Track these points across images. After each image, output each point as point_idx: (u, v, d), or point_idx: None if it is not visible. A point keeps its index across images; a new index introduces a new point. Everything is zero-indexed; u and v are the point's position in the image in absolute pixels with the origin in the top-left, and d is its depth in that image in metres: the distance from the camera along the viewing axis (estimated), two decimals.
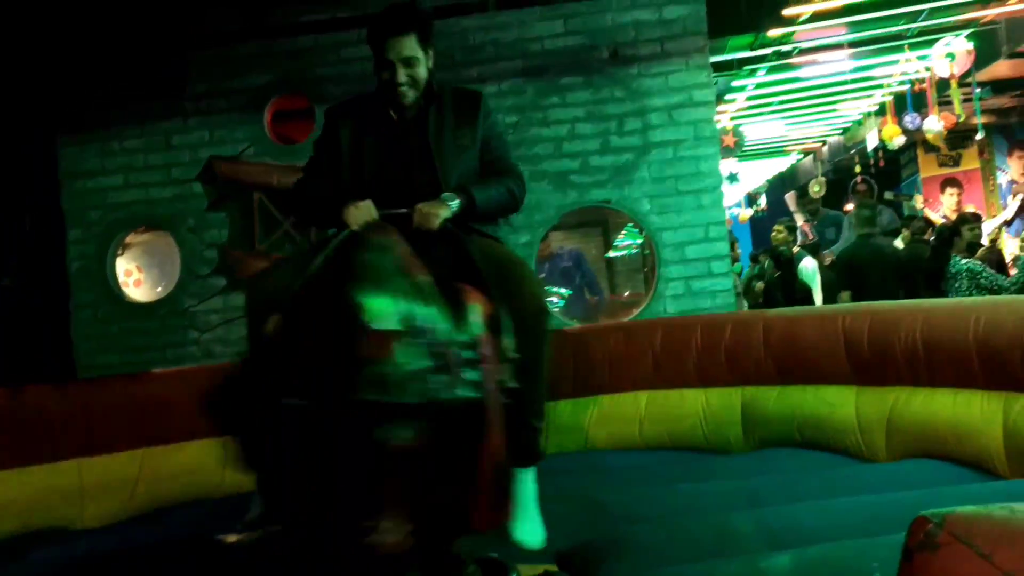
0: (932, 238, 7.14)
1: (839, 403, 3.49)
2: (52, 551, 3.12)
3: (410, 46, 2.58)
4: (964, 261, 6.28)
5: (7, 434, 3.65)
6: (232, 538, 2.77)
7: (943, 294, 6.22)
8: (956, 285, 6.25)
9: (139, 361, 4.90)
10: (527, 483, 2.58)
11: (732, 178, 11.11)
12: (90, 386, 4.36)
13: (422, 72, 2.63)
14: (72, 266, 5.08)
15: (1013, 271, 7.31)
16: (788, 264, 7.43)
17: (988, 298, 4.05)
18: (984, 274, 6.02)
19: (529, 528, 2.52)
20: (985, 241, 8.58)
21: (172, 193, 5.06)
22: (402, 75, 2.59)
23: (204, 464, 3.91)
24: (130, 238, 5.39)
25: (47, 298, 4.97)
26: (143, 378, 4.36)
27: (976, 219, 7.70)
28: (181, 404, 3.99)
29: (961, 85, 7.57)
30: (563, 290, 6.47)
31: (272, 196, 4.95)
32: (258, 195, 4.98)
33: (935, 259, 6.65)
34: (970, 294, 6.15)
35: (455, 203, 2.50)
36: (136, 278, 7.71)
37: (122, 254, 5.38)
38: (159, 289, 5.60)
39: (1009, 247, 9.47)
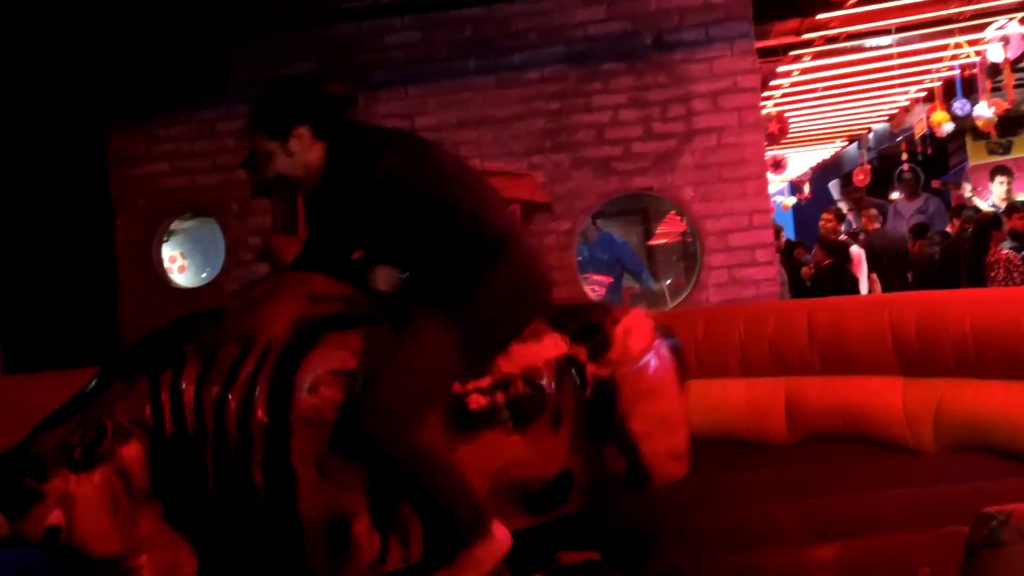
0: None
1: (885, 394, 3.44)
2: None
3: (255, 139, 2.39)
4: (1004, 250, 6.17)
5: None
6: None
7: (984, 285, 6.13)
8: (992, 274, 6.15)
9: None
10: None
11: (776, 165, 10.98)
12: None
13: (282, 165, 2.35)
14: (120, 252, 5.16)
15: None
16: (841, 251, 7.34)
17: None
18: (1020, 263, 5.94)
19: None
20: None
21: (217, 180, 5.11)
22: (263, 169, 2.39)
23: None
24: (175, 224, 5.46)
25: (96, 284, 5.06)
26: None
27: None
28: None
29: (1014, 70, 7.39)
30: (603, 279, 6.44)
31: None
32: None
33: (973, 250, 6.55)
34: (1007, 284, 6.04)
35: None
36: (180, 264, 7.80)
37: (167, 240, 5.46)
38: (203, 275, 5.67)
39: None
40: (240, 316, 2.20)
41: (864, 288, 7.54)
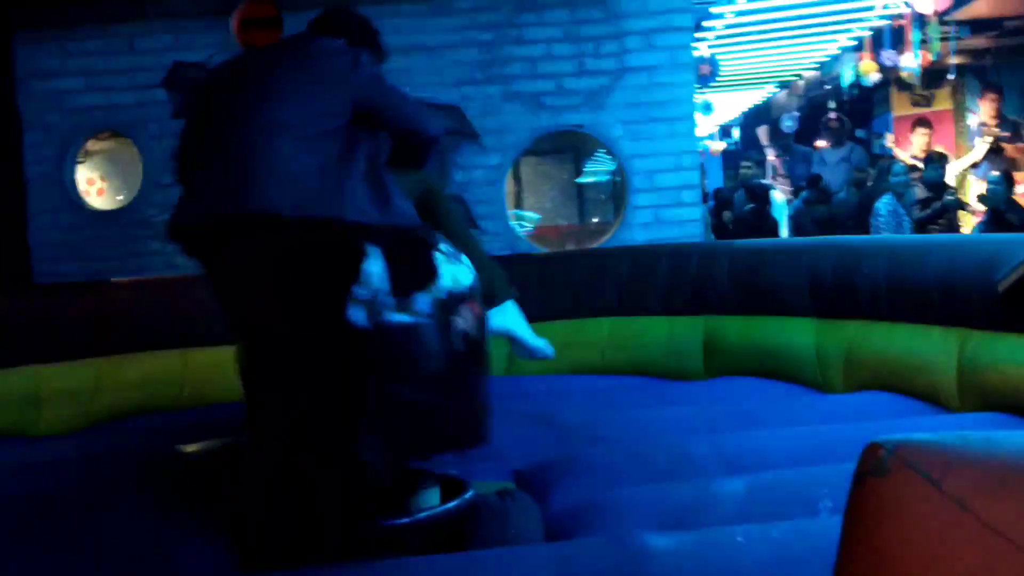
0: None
1: (799, 335, 3.54)
2: (6, 456, 3.10)
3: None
4: (885, 199, 6.39)
5: None
6: (191, 448, 2.77)
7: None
8: (873, 221, 6.40)
9: (99, 270, 4.82)
10: (511, 312, 2.75)
11: (706, 107, 11.05)
12: (48, 293, 4.30)
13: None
14: (29, 171, 4.94)
15: (976, 218, 7.40)
16: (764, 197, 7.47)
17: (950, 236, 4.10)
18: (898, 211, 6.20)
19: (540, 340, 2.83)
20: (951, 182, 8.65)
21: (135, 99, 4.91)
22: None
23: (163, 375, 3.90)
24: (91, 145, 5.25)
25: (3, 203, 4.85)
26: (102, 287, 4.30)
27: (942, 159, 7.76)
28: (142, 314, 3.97)
29: (940, 23, 7.52)
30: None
31: None
32: None
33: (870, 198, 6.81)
34: (891, 231, 6.30)
35: None
36: (99, 187, 7.54)
37: (83, 162, 5.24)
38: (120, 197, 5.49)
39: (975, 189, 9.55)
40: None
41: (785, 233, 7.71)
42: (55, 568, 1.94)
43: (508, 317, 2.75)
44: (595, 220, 9.09)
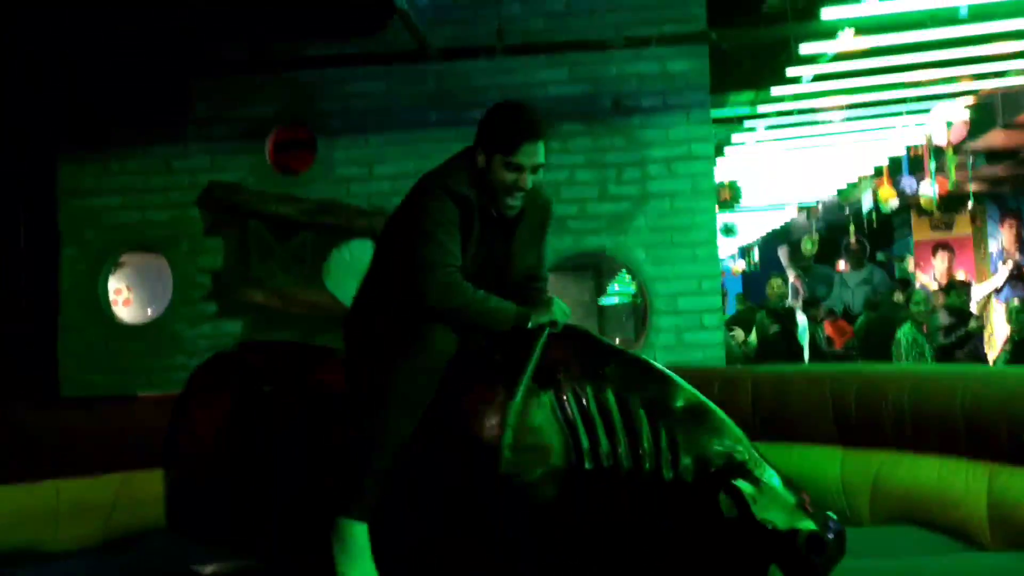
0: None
1: (825, 464, 3.49)
2: (22, 573, 3.07)
3: (543, 153, 2.49)
4: (906, 328, 6.36)
5: None
6: (207, 569, 2.74)
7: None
8: (894, 350, 6.35)
9: (124, 382, 4.87)
10: None
11: (727, 230, 11.17)
12: (72, 406, 4.33)
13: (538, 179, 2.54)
14: (64, 284, 5.06)
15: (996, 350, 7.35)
16: (790, 318, 7.42)
17: (976, 367, 4.07)
18: (918, 340, 6.16)
19: None
20: (974, 308, 8.64)
21: (169, 216, 5.06)
22: (528, 182, 2.48)
23: None
24: (124, 258, 5.38)
25: (37, 315, 4.95)
26: (126, 401, 4.33)
27: (964, 285, 7.77)
28: (163, 429, 3.97)
29: (956, 152, 7.65)
30: None
31: (269, 224, 4.96)
32: (255, 223, 4.98)
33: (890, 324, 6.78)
34: (912, 359, 6.24)
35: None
36: (125, 297, 7.67)
37: (114, 272, 5.37)
38: (148, 311, 5.58)
39: (998, 316, 9.51)
40: None
41: (808, 356, 7.65)
42: None
43: None
44: (616, 340, 9.09)
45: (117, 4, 4.35)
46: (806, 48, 5.08)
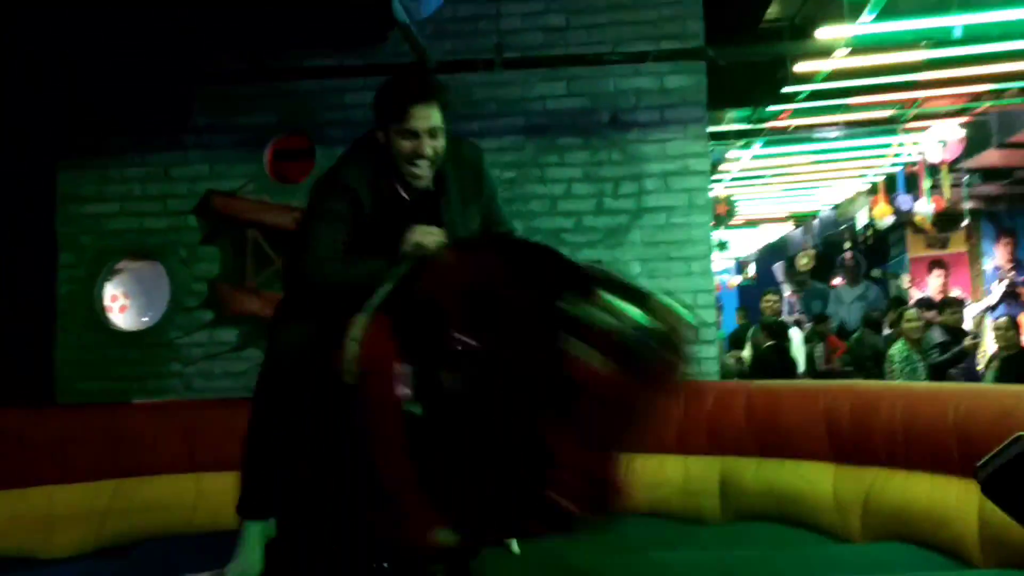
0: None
1: (817, 480, 3.50)
2: None
3: (436, 116, 2.43)
4: (897, 345, 6.38)
5: None
6: None
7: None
8: (886, 367, 6.37)
9: (119, 389, 4.87)
10: None
11: (722, 245, 11.22)
12: (67, 413, 4.33)
13: (443, 145, 2.47)
14: (61, 289, 5.07)
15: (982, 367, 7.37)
16: (783, 333, 7.45)
17: (968, 385, 4.09)
18: (911, 357, 6.17)
19: None
20: (970, 326, 8.67)
21: (166, 224, 5.08)
22: (427, 147, 2.42)
23: (177, 499, 3.88)
24: (121, 264, 5.39)
25: (34, 320, 4.95)
26: (121, 408, 4.34)
27: (959, 303, 7.80)
28: (158, 436, 3.98)
29: (951, 171, 7.71)
30: None
31: (266, 233, 4.97)
32: (252, 232, 4.99)
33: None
34: (905, 377, 6.25)
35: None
36: (121, 304, 7.66)
37: (111, 279, 5.37)
38: (144, 319, 5.57)
39: (992, 334, 9.54)
40: None
41: (802, 370, 7.68)
42: None
43: None
44: None
45: (119, 10, 4.37)
46: (802, 66, 5.13)
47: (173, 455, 3.95)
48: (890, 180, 8.85)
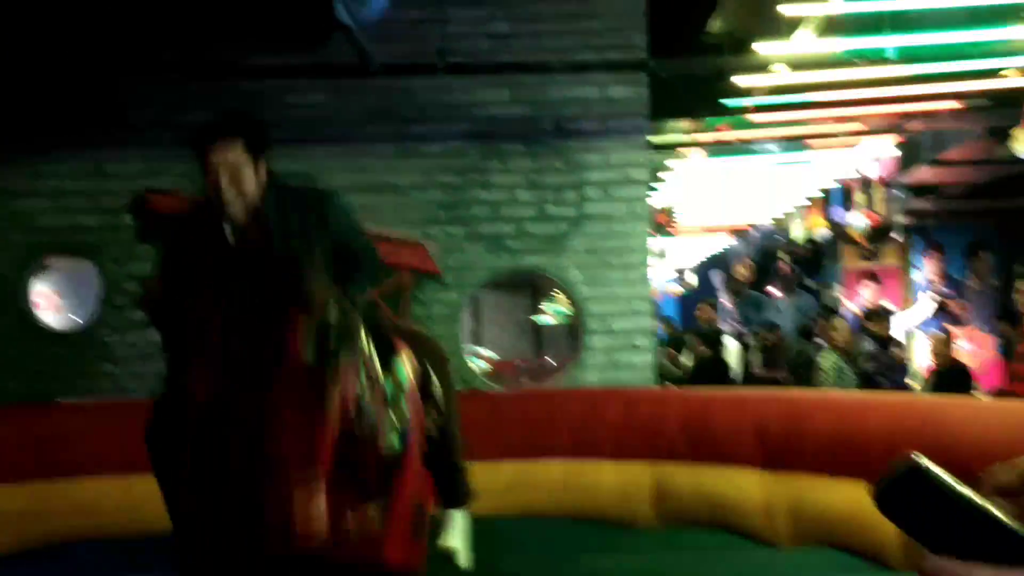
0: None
1: (747, 486, 3.57)
2: None
3: (234, 155, 2.39)
4: (829, 354, 6.53)
5: None
6: None
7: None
8: (817, 377, 6.51)
9: (46, 390, 4.74)
10: (460, 521, 2.80)
11: (660, 254, 11.35)
12: None
13: (249, 185, 2.40)
14: None
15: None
16: (718, 342, 7.58)
17: (891, 394, 4.20)
18: (842, 367, 6.33)
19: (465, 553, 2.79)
20: (899, 336, 8.89)
21: (99, 221, 4.96)
22: (227, 186, 2.36)
23: (105, 502, 3.80)
24: (51, 261, 5.25)
25: None
26: (47, 408, 4.23)
27: (887, 312, 8.01)
28: (86, 438, 3.89)
29: (884, 186, 7.91)
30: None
31: None
32: None
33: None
34: (835, 386, 6.40)
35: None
36: (53, 302, 7.48)
37: (39, 277, 5.23)
38: (74, 317, 5.45)
39: (921, 343, 9.79)
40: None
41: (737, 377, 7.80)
42: None
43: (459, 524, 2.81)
44: (550, 358, 9.15)
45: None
46: (741, 80, 5.22)
47: (102, 456, 3.87)
48: (825, 194, 9.06)
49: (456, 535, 2.78)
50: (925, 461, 0.56)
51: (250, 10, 4.47)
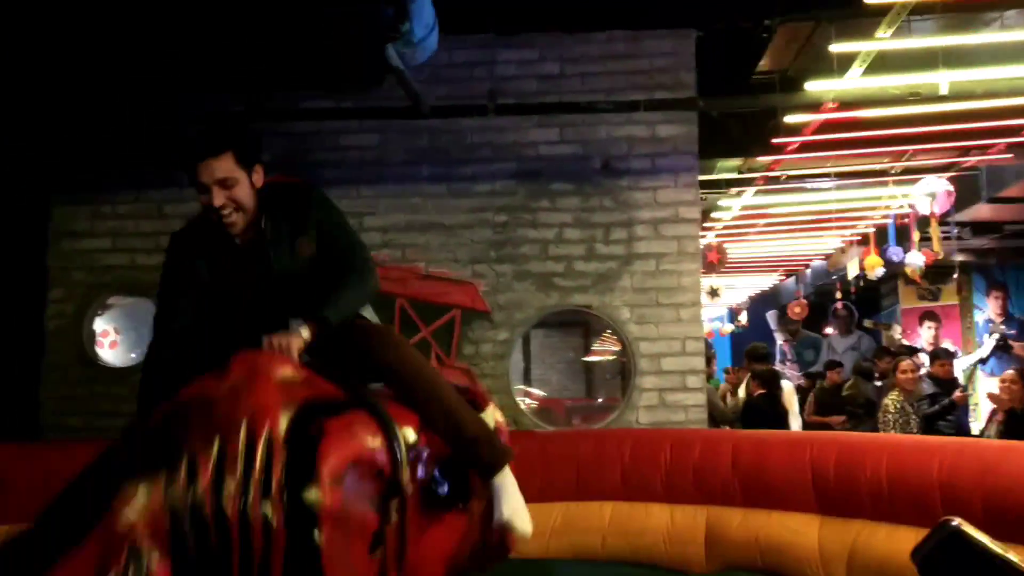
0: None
1: (802, 531, 3.48)
2: None
3: (224, 166, 2.42)
4: (893, 395, 6.38)
5: None
6: None
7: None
8: (881, 418, 6.36)
9: (104, 426, 4.83)
10: (505, 487, 2.53)
11: (713, 293, 11.26)
12: (51, 449, 4.30)
13: (243, 193, 2.47)
14: (49, 325, 5.06)
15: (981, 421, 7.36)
16: (773, 381, 7.44)
17: (952, 439, 4.08)
18: (906, 409, 6.17)
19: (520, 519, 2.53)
20: (961, 378, 8.67)
21: (158, 261, 5.05)
22: (218, 198, 2.42)
23: None
24: (112, 299, 5.38)
25: (21, 355, 4.93)
26: (104, 445, 4.29)
27: (949, 355, 7.82)
28: None
29: (941, 224, 7.77)
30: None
31: None
32: None
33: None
34: (898, 428, 6.23)
35: (305, 332, 2.38)
36: (112, 339, 7.64)
37: (101, 315, 5.36)
38: (133, 355, 5.56)
39: (983, 386, 9.55)
40: (232, 406, 2.02)
41: (795, 422, 7.66)
42: None
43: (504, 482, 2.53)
44: (600, 398, 9.09)
45: (118, 45, 4.41)
46: (792, 118, 5.19)
47: None
48: (880, 232, 8.92)
49: (507, 505, 2.50)
50: (966, 526, 0.54)
51: (307, 56, 4.57)
